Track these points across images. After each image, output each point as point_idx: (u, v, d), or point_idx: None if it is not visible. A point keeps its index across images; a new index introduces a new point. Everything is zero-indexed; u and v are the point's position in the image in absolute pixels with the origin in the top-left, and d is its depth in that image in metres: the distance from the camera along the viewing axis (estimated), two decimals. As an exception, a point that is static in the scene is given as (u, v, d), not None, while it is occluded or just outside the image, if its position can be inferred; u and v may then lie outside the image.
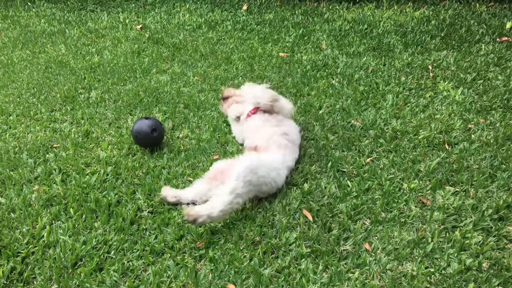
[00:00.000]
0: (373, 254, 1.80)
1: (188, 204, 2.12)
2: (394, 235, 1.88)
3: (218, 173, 2.17)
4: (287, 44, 4.37)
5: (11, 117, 3.11)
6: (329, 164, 2.35)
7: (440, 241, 1.85)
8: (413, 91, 3.20)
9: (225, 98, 2.83)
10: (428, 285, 1.66)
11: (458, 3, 5.26)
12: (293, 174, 2.31)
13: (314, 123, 2.83)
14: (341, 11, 5.41)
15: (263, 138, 2.36)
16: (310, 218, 2.00)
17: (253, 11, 5.66)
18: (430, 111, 2.87)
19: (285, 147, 2.32)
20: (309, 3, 5.80)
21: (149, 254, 1.85)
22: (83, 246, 1.88)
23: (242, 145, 2.60)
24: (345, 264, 1.77)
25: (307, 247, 1.85)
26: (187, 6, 6.07)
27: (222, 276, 1.74)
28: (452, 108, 2.89)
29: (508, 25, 4.34)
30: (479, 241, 1.83)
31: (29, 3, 6.79)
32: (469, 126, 2.67)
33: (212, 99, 3.25)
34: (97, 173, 2.40)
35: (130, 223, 2.02)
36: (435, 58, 3.75)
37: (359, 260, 1.77)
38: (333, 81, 3.40)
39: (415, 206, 2.06)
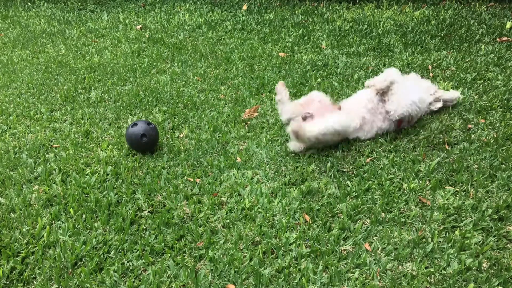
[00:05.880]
0: (373, 254, 1.80)
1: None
2: (394, 235, 1.89)
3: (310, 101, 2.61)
4: (287, 44, 4.37)
5: (11, 117, 3.11)
6: (329, 164, 2.35)
7: (440, 241, 1.85)
8: (413, 91, 3.19)
9: None
10: (428, 285, 1.66)
11: (458, 3, 5.26)
12: (292, 174, 2.31)
13: (314, 123, 2.83)
14: (341, 11, 5.41)
15: None
16: (309, 220, 2.00)
17: (253, 11, 5.66)
18: (430, 111, 2.87)
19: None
20: (309, 3, 5.80)
21: (149, 254, 1.85)
22: (83, 246, 1.88)
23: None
24: (345, 264, 1.77)
25: (307, 247, 1.85)
26: (187, 6, 6.07)
27: (222, 276, 1.74)
28: (452, 108, 2.89)
29: (508, 25, 4.34)
30: (479, 241, 1.83)
31: (29, 3, 6.79)
32: (469, 126, 2.67)
33: (212, 99, 3.26)
34: (97, 173, 2.40)
35: (130, 223, 2.02)
36: (435, 58, 3.75)
37: (359, 260, 1.77)
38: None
39: (415, 206, 2.06)
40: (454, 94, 2.89)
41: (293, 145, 2.50)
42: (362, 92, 2.77)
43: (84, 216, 2.09)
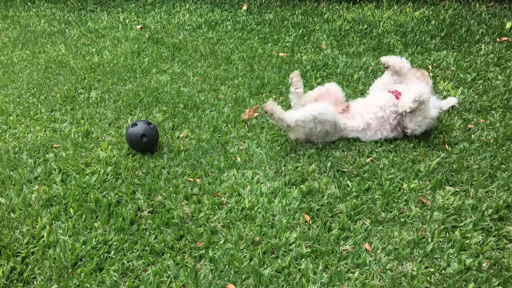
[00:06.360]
0: (373, 254, 1.80)
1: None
2: (394, 235, 1.89)
3: (323, 95, 2.66)
4: (287, 44, 4.37)
5: (11, 117, 3.11)
6: (329, 164, 2.35)
7: (440, 241, 1.85)
8: (413, 91, 3.19)
9: None
10: (428, 285, 1.66)
11: (458, 3, 5.26)
12: (292, 174, 2.31)
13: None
14: (341, 11, 5.41)
15: None
16: (309, 220, 2.00)
17: (253, 11, 5.66)
18: (430, 111, 2.87)
19: None
20: (309, 3, 5.80)
21: (149, 254, 1.85)
22: (83, 246, 1.88)
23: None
24: (345, 264, 1.77)
25: (307, 247, 1.85)
26: (187, 6, 6.07)
27: (222, 276, 1.74)
28: (451, 108, 2.89)
29: (508, 25, 4.34)
30: (479, 241, 1.83)
31: (29, 3, 6.79)
32: (469, 126, 2.67)
33: (212, 99, 3.25)
34: (97, 173, 2.40)
35: (130, 223, 2.02)
36: (435, 58, 3.75)
37: (359, 260, 1.77)
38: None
39: (415, 206, 2.06)
40: (451, 102, 2.87)
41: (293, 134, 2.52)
42: (377, 95, 2.64)
43: (84, 216, 2.09)
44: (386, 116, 2.52)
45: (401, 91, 2.56)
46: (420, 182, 2.20)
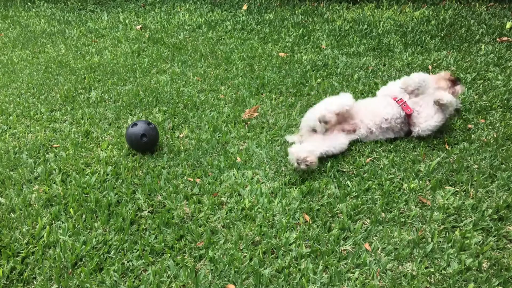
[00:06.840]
0: (373, 254, 1.80)
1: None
2: (394, 235, 1.89)
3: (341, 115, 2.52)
4: (287, 44, 4.37)
5: (11, 117, 3.11)
6: (329, 164, 2.35)
7: (440, 241, 1.85)
8: (413, 91, 3.19)
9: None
10: (428, 285, 1.66)
11: (458, 3, 5.26)
12: (292, 174, 2.31)
13: (314, 123, 2.82)
14: (341, 11, 5.41)
15: None
16: (309, 220, 2.00)
17: (253, 11, 5.66)
18: (430, 111, 2.86)
19: None
20: (309, 3, 5.80)
21: (149, 254, 1.85)
22: (83, 246, 1.88)
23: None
24: (345, 264, 1.77)
25: (307, 247, 1.85)
26: (187, 6, 6.07)
27: (222, 276, 1.74)
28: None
29: (508, 25, 4.34)
30: (479, 241, 1.84)
31: (29, 3, 6.79)
32: (469, 126, 2.67)
33: (212, 99, 3.25)
34: (97, 173, 2.40)
35: (130, 223, 2.02)
36: (435, 58, 3.75)
37: (359, 260, 1.77)
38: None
39: (415, 206, 2.06)
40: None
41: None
42: (382, 103, 2.59)
43: (84, 216, 2.09)
44: (391, 126, 2.54)
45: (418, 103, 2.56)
46: (420, 182, 2.20)
